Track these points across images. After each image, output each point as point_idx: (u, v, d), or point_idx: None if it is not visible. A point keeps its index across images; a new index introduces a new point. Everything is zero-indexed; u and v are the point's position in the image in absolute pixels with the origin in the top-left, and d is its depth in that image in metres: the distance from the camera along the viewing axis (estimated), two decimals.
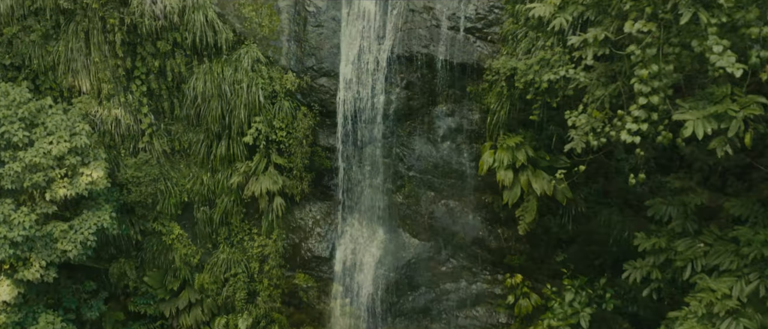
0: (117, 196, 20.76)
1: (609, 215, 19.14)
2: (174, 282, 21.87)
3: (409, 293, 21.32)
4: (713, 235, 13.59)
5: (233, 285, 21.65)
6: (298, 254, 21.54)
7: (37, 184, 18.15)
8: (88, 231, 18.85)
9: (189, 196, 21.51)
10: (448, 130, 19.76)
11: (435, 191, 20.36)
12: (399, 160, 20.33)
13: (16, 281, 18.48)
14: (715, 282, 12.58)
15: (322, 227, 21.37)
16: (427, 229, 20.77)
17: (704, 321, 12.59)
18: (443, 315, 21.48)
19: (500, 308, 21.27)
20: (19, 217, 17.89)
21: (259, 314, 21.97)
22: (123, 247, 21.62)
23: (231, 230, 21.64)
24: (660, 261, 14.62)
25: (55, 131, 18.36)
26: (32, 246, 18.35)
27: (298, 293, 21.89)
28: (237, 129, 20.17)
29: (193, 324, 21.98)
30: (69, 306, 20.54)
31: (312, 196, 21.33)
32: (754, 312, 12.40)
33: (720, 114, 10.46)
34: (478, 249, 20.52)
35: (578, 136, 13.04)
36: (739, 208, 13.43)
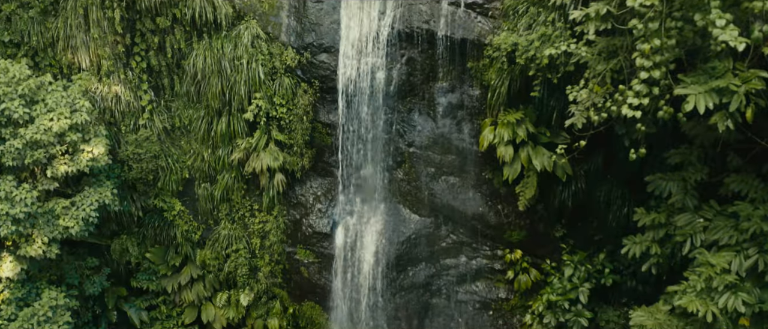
0: (118, 173, 20.80)
1: (609, 191, 19.20)
2: (176, 258, 21.99)
3: (409, 268, 21.44)
4: (713, 210, 13.65)
5: (235, 260, 21.77)
6: (298, 230, 21.64)
7: (38, 161, 18.17)
8: (89, 208, 18.91)
9: (190, 172, 21.56)
10: (448, 106, 19.73)
11: (435, 168, 20.39)
12: (399, 136, 20.33)
13: (19, 257, 18.56)
14: (714, 257, 12.66)
15: (323, 204, 21.43)
16: (427, 205, 20.83)
17: (703, 295, 12.70)
18: (443, 290, 21.63)
19: (500, 283, 21.42)
20: (20, 194, 17.93)
21: (260, 289, 22.13)
22: (124, 223, 21.71)
23: (232, 207, 21.71)
24: (659, 236, 14.69)
25: (55, 108, 18.31)
26: (34, 223, 18.41)
27: (299, 268, 22.03)
28: (237, 106, 20.14)
29: (195, 300, 22.14)
30: (71, 282, 20.67)
31: (312, 172, 21.37)
32: (752, 287, 12.50)
33: (722, 89, 10.45)
34: (478, 225, 20.60)
35: (579, 111, 13.04)
36: (738, 183, 13.47)
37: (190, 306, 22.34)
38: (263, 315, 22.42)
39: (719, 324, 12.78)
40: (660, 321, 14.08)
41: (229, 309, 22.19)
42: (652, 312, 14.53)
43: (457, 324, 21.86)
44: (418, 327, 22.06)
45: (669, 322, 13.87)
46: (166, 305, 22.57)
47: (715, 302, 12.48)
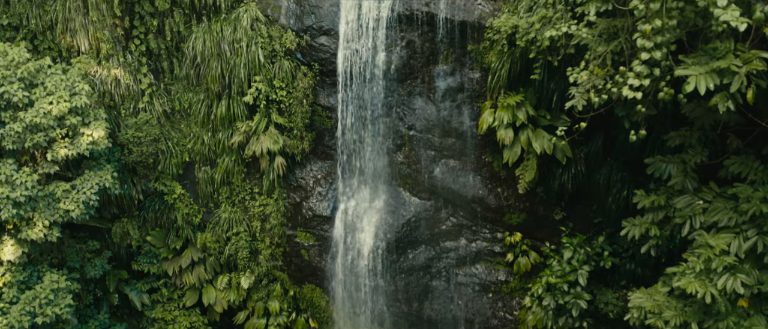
0: (118, 156, 20.82)
1: (608, 174, 19.19)
2: (176, 241, 22.05)
3: (409, 251, 21.52)
4: (712, 192, 13.67)
5: (235, 243, 21.84)
6: (299, 213, 21.68)
7: (39, 144, 18.19)
8: (90, 191, 18.98)
9: (190, 156, 21.57)
10: (448, 89, 19.69)
11: (435, 151, 20.39)
12: (399, 119, 20.31)
13: (20, 241, 18.63)
14: (714, 239, 12.69)
15: (323, 187, 21.46)
16: (427, 188, 20.86)
17: (702, 277, 12.74)
18: (443, 273, 21.71)
19: (499, 266, 21.49)
20: (21, 177, 17.97)
21: (261, 272, 22.22)
22: (125, 207, 21.76)
23: (232, 190, 21.75)
24: (659, 218, 14.73)
25: (54, 91, 18.31)
26: (35, 206, 18.46)
27: (300, 251, 22.10)
28: (237, 89, 20.11)
29: (196, 282, 22.24)
30: (73, 265, 20.75)
31: (312, 155, 21.38)
32: (751, 268, 12.55)
33: (723, 69, 10.42)
34: (477, 208, 20.64)
35: (579, 94, 13.02)
36: (738, 166, 13.47)
37: (191, 288, 22.45)
38: (264, 298, 22.53)
39: (718, 305, 12.85)
40: (659, 303, 14.15)
41: (229, 291, 22.29)
42: (650, 293, 14.59)
43: (456, 306, 21.97)
44: (418, 309, 22.17)
45: (668, 303, 13.94)
46: (168, 288, 22.68)
47: (714, 283, 12.52)
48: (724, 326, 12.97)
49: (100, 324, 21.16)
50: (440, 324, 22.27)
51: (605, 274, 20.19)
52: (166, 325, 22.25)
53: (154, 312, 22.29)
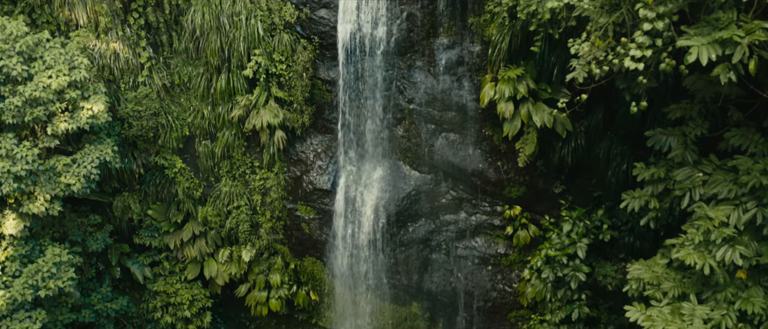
0: (118, 130, 20.81)
1: (608, 148, 19.21)
2: (177, 215, 22.13)
3: (409, 224, 21.61)
4: (712, 164, 13.69)
5: (236, 217, 21.92)
6: (299, 186, 21.74)
7: (39, 118, 18.17)
8: (90, 165, 18.99)
9: (190, 130, 21.56)
10: (448, 62, 19.62)
11: (435, 124, 20.38)
12: (399, 93, 20.27)
13: (22, 214, 18.69)
14: (713, 211, 12.74)
15: (323, 160, 21.49)
16: (427, 162, 20.89)
17: (701, 248, 12.82)
18: (443, 246, 21.84)
19: (499, 239, 21.61)
20: (21, 151, 17.96)
21: (262, 245, 22.34)
22: (126, 181, 21.80)
23: (233, 164, 21.77)
24: (658, 191, 14.77)
25: (53, 65, 18.24)
26: (36, 180, 18.48)
27: (300, 224, 22.20)
28: (236, 62, 20.04)
29: (198, 256, 22.36)
30: (75, 239, 20.84)
31: (313, 129, 21.37)
32: (750, 240, 12.62)
33: (725, 40, 10.38)
34: (477, 181, 20.68)
35: (580, 66, 12.97)
36: (739, 138, 13.48)
37: (193, 262, 22.58)
38: (265, 271, 22.68)
39: (716, 276, 12.95)
40: (657, 274, 14.25)
41: (231, 264, 22.43)
42: (649, 265, 14.69)
43: (456, 279, 22.13)
44: (418, 281, 22.33)
45: (666, 275, 14.04)
46: (169, 261, 22.81)
47: (713, 255, 12.60)
48: (722, 297, 13.08)
49: (102, 297, 21.32)
50: (440, 296, 22.46)
51: (604, 247, 20.31)
52: (168, 298, 22.42)
53: (156, 285, 22.45)
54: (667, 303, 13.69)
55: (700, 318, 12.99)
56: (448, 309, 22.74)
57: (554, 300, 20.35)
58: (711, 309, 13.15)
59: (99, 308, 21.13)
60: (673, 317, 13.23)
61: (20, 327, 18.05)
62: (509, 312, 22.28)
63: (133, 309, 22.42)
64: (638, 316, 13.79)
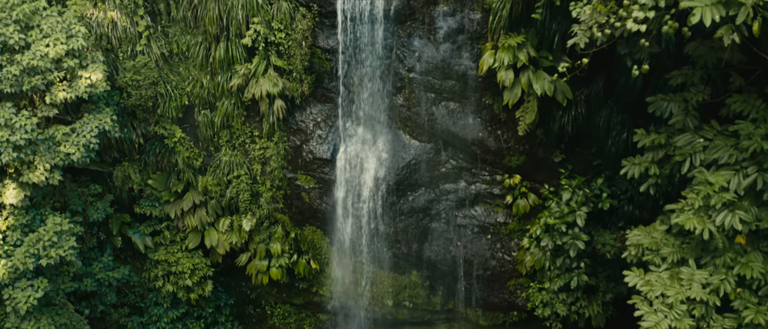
0: (117, 100, 20.74)
1: (608, 116, 19.19)
2: (178, 185, 22.15)
3: (409, 193, 21.66)
4: (713, 130, 13.67)
5: (236, 186, 21.94)
6: (299, 156, 21.73)
7: (37, 87, 18.11)
8: (90, 134, 18.98)
9: (189, 99, 21.48)
10: (448, 30, 19.48)
11: (435, 93, 20.30)
12: (399, 61, 20.16)
13: (22, 184, 18.71)
14: (713, 176, 12.76)
15: (323, 130, 21.45)
16: (427, 131, 20.85)
17: (700, 213, 12.87)
18: (442, 215, 21.91)
19: (498, 208, 21.67)
20: (20, 120, 17.93)
21: (262, 215, 22.40)
22: (126, 151, 21.78)
23: (232, 133, 21.73)
24: (659, 157, 14.77)
25: (50, 34, 18.12)
26: (35, 150, 18.48)
27: (300, 194, 22.24)
28: (235, 31, 19.89)
29: (198, 225, 22.43)
30: (75, 208, 20.88)
31: (312, 98, 21.29)
32: (749, 205, 12.66)
33: (729, 0, 10.28)
34: (477, 150, 20.68)
35: (582, 31, 12.89)
36: (740, 104, 13.46)
37: (194, 231, 22.66)
38: (265, 240, 22.78)
39: (715, 241, 13.01)
40: (656, 240, 14.32)
41: (231, 234, 22.51)
42: (648, 231, 14.76)
43: (455, 248, 22.24)
44: (418, 250, 22.45)
45: (665, 241, 14.12)
46: (170, 230, 22.88)
47: (713, 220, 12.65)
48: (721, 262, 13.18)
49: (104, 266, 21.43)
50: (439, 265, 22.60)
51: (603, 216, 20.38)
52: (169, 267, 22.54)
53: (157, 254, 22.55)
54: (665, 269, 13.79)
55: (699, 283, 13.10)
56: (448, 277, 22.90)
57: (553, 268, 20.47)
58: (709, 273, 13.26)
59: (100, 277, 21.25)
60: (671, 282, 13.34)
61: (22, 296, 18.16)
62: (508, 280, 22.44)
63: (134, 278, 22.57)
64: (637, 281, 13.91)
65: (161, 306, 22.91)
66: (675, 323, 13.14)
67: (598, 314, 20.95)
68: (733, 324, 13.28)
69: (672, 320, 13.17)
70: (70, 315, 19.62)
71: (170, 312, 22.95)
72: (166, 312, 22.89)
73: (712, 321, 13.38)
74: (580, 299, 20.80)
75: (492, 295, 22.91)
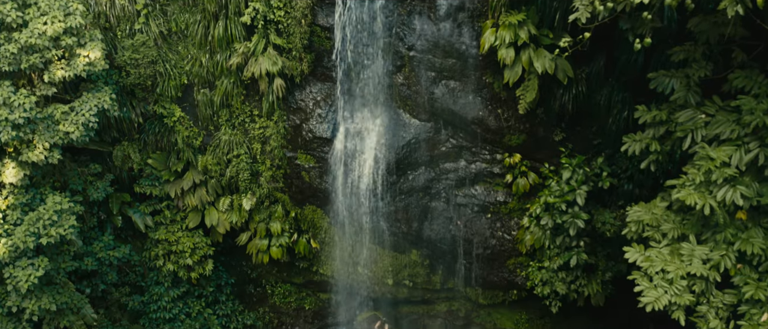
0: (116, 78, 20.66)
1: (609, 95, 19.14)
2: (177, 164, 22.12)
3: (409, 172, 21.64)
4: (715, 106, 13.62)
5: (236, 166, 21.92)
6: (299, 135, 21.68)
7: (35, 66, 18.03)
8: (89, 113, 18.93)
9: (188, 78, 21.39)
10: (449, 8, 19.35)
11: (435, 72, 20.21)
12: (399, 39, 20.05)
13: (21, 163, 18.68)
14: (715, 151, 12.73)
15: (323, 108, 21.38)
16: (427, 109, 20.79)
17: (701, 189, 12.86)
18: (442, 194, 21.91)
19: (498, 187, 21.67)
20: (18, 99, 17.88)
21: (262, 194, 22.40)
22: (125, 130, 21.73)
23: (232, 112, 21.66)
24: (660, 133, 14.73)
25: (48, 11, 18.02)
26: (34, 128, 18.44)
27: (300, 173, 22.22)
28: (234, 9, 19.77)
29: (198, 205, 22.43)
30: (75, 188, 20.86)
31: (312, 77, 21.21)
32: (751, 181, 12.64)
33: None
34: (477, 129, 20.63)
35: (583, 5, 12.82)
36: (742, 80, 13.40)
37: (194, 210, 22.66)
38: (266, 219, 22.79)
39: (716, 217, 13.01)
40: (657, 216, 14.32)
41: (232, 213, 22.52)
42: (649, 207, 14.76)
43: (455, 227, 22.27)
44: (418, 229, 22.48)
45: (666, 217, 14.12)
46: (170, 210, 22.88)
47: (714, 195, 12.65)
48: (721, 238, 13.19)
49: (104, 245, 21.45)
50: (439, 244, 22.64)
51: (603, 195, 20.39)
52: (169, 246, 22.56)
53: (158, 233, 22.56)
54: (666, 245, 13.81)
55: (699, 259, 13.12)
56: (448, 256, 22.95)
57: (553, 246, 20.51)
58: (710, 249, 13.27)
59: (101, 256, 21.28)
60: (672, 257, 13.37)
61: (23, 274, 18.18)
62: (508, 259, 22.50)
63: (135, 257, 22.60)
64: (637, 257, 13.93)
65: (162, 285, 22.97)
66: (675, 298, 13.19)
67: (598, 292, 21.04)
68: (733, 300, 13.34)
69: (672, 295, 13.21)
70: (71, 294, 19.67)
71: (171, 291, 23.00)
72: (166, 291, 22.95)
73: (712, 297, 13.44)
74: (580, 277, 20.87)
75: (492, 274, 22.98)
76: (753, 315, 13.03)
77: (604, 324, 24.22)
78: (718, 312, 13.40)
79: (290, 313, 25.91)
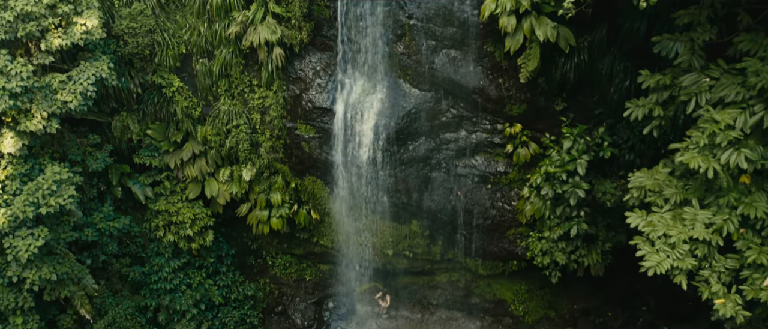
0: (114, 48, 20.47)
1: (611, 64, 19.02)
2: (177, 135, 22.00)
3: (409, 142, 21.55)
4: (720, 69, 13.50)
5: (235, 136, 21.80)
6: (299, 105, 21.54)
7: (31, 34, 17.85)
8: (86, 82, 18.79)
9: (187, 48, 21.19)
10: None
11: (436, 41, 20.04)
12: (399, 8, 19.85)
13: (20, 133, 18.56)
14: (719, 114, 12.64)
15: (322, 78, 21.22)
16: (427, 79, 20.64)
17: (705, 152, 12.79)
18: (443, 164, 21.85)
19: (499, 157, 21.61)
20: (15, 68, 17.72)
21: (262, 164, 22.31)
22: (124, 100, 21.56)
23: (231, 82, 21.49)
24: (663, 98, 14.64)
25: None
26: (32, 98, 18.30)
27: (300, 143, 22.11)
28: None
29: (198, 175, 22.34)
30: (74, 158, 20.75)
31: (311, 47, 21.02)
32: (755, 144, 12.56)
33: None
34: (478, 99, 20.51)
35: None
36: (748, 43, 13.28)
37: (194, 181, 22.58)
38: (266, 190, 22.73)
39: (720, 181, 12.95)
40: (659, 181, 14.27)
41: (231, 184, 22.45)
42: (651, 173, 14.71)
43: (455, 198, 22.25)
44: (418, 200, 22.45)
45: (668, 182, 14.07)
46: (170, 181, 22.79)
47: (718, 158, 12.58)
48: (724, 202, 13.14)
49: (104, 216, 21.39)
50: (439, 214, 22.63)
51: (604, 165, 20.35)
52: (169, 217, 22.50)
53: (158, 204, 22.49)
54: (668, 210, 13.77)
55: (702, 223, 13.09)
56: (448, 227, 22.96)
57: (553, 217, 20.50)
58: (713, 213, 13.24)
59: (101, 227, 21.23)
60: (674, 222, 13.34)
61: (23, 244, 18.13)
62: (508, 229, 22.51)
63: (135, 229, 22.55)
64: (639, 222, 13.90)
65: (163, 255, 22.96)
66: (677, 262, 13.18)
67: (597, 262, 21.09)
68: (736, 265, 13.34)
69: (674, 259, 13.20)
70: (71, 264, 19.64)
71: (172, 261, 22.99)
72: (167, 262, 22.94)
73: (714, 261, 13.43)
74: (580, 247, 20.90)
75: (492, 244, 23.01)
76: (755, 279, 13.03)
77: (603, 296, 24.35)
78: (720, 277, 13.41)
79: (291, 284, 25.98)
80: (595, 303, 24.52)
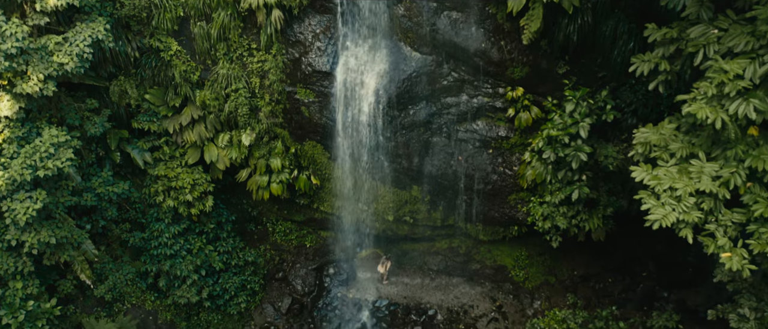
0: (110, 10, 20.15)
1: (615, 26, 18.81)
2: (175, 99, 21.75)
3: (410, 107, 21.35)
4: (728, 20, 13.27)
5: (235, 100, 21.55)
6: (298, 69, 21.28)
7: None
8: (83, 43, 18.55)
9: (184, 10, 20.87)
10: None
11: (437, 2, 19.76)
12: None
13: (16, 95, 18.32)
14: (728, 63, 12.45)
15: (322, 42, 20.95)
16: (428, 42, 20.39)
17: (713, 102, 12.63)
18: (444, 129, 21.68)
19: (500, 122, 21.45)
20: (10, 28, 17.45)
21: (261, 129, 22.11)
22: (121, 65, 21.27)
23: (229, 46, 21.20)
24: (669, 52, 14.42)
25: None
26: (28, 59, 18.04)
27: (300, 108, 21.89)
28: None
29: (197, 140, 22.13)
30: (72, 123, 20.50)
31: (311, 9, 20.72)
32: (765, 94, 12.38)
33: None
34: (480, 62, 20.28)
35: None
36: None
37: (193, 146, 22.37)
38: (265, 155, 22.55)
39: (727, 133, 12.79)
40: (665, 136, 14.12)
41: (231, 149, 22.26)
42: (657, 128, 14.54)
43: (456, 163, 22.11)
44: (419, 165, 22.30)
45: (674, 137, 13.92)
46: (169, 146, 22.57)
47: (726, 108, 12.41)
48: (732, 155, 13.00)
49: (103, 181, 21.19)
50: (440, 179, 22.50)
51: (606, 129, 20.22)
52: (169, 182, 22.31)
53: (157, 169, 22.30)
54: (674, 164, 13.62)
55: (709, 175, 12.96)
56: (448, 192, 22.85)
57: (554, 181, 20.41)
58: (720, 166, 13.10)
59: (100, 192, 21.04)
60: (680, 175, 13.20)
61: (21, 207, 17.95)
62: (509, 194, 22.42)
63: (135, 194, 22.37)
64: (644, 176, 13.75)
65: (162, 221, 22.80)
66: (683, 216, 13.06)
67: (598, 227, 21.04)
68: (742, 219, 13.21)
69: (680, 213, 13.08)
70: (70, 229, 19.48)
71: (171, 227, 22.85)
72: (167, 228, 22.79)
73: (720, 215, 13.32)
74: (581, 212, 20.84)
75: (492, 210, 22.92)
76: (762, 233, 12.94)
77: (603, 262, 24.36)
78: (727, 231, 13.30)
79: (291, 251, 25.90)
80: (595, 269, 24.53)
